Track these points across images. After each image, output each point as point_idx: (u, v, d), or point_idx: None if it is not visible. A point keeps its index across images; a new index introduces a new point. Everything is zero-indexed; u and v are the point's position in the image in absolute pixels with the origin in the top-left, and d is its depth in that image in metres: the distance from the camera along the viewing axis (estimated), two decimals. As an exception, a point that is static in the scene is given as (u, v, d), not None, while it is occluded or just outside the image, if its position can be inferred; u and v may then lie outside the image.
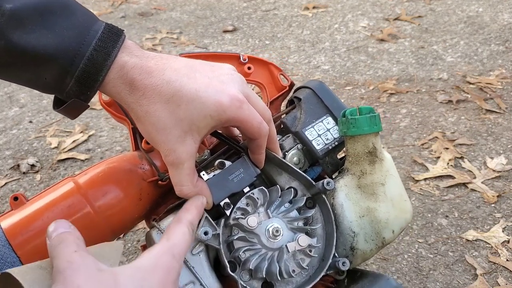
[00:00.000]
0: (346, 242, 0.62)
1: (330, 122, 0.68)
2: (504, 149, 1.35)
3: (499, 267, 1.01)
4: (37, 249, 0.57)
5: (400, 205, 0.64)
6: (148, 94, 0.48)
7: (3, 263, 0.55)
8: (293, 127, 0.67)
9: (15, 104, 1.73)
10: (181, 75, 0.49)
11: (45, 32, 0.46)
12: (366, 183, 0.63)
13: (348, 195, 0.63)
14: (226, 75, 0.52)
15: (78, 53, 0.47)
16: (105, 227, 0.60)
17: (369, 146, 0.62)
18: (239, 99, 0.50)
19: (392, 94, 1.64)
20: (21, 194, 0.61)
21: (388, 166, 0.64)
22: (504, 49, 1.87)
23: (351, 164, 0.64)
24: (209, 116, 0.49)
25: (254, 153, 0.57)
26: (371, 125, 0.62)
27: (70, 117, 0.53)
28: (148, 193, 0.64)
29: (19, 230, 0.57)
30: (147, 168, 0.65)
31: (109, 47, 0.48)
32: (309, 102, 0.69)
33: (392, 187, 0.63)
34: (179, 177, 0.52)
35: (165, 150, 0.50)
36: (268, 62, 0.76)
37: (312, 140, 0.66)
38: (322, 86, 0.70)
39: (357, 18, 2.25)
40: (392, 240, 0.64)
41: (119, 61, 0.48)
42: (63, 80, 0.47)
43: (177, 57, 0.53)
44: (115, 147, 1.48)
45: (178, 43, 2.15)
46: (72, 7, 0.48)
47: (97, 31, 0.48)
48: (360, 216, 0.62)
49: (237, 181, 0.57)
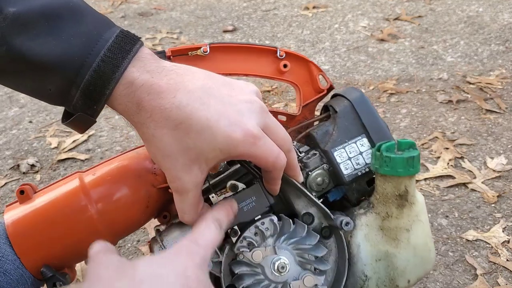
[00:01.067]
0: (356, 284, 0.58)
1: (365, 145, 0.60)
2: (504, 149, 1.35)
3: (499, 267, 1.01)
4: (37, 249, 0.57)
5: (422, 254, 0.58)
6: (155, 117, 0.44)
7: (4, 261, 0.55)
8: (322, 143, 0.60)
9: (15, 104, 1.73)
10: (194, 100, 0.44)
11: (50, 39, 0.43)
12: (390, 226, 0.57)
13: (367, 236, 0.58)
14: (246, 102, 0.47)
15: (85, 63, 0.43)
16: (107, 232, 0.59)
17: (400, 189, 0.56)
18: (253, 135, 0.45)
19: (392, 94, 1.64)
20: (28, 184, 0.59)
21: (418, 210, 0.57)
22: (504, 49, 1.87)
23: (377, 202, 0.57)
24: (218, 150, 0.45)
25: (269, 183, 0.53)
26: (407, 167, 0.54)
27: (78, 131, 0.50)
28: (157, 200, 0.62)
29: (20, 228, 0.57)
30: (159, 172, 0.62)
31: (119, 58, 0.44)
32: (345, 117, 0.61)
33: (418, 234, 0.57)
34: (182, 206, 0.49)
35: (170, 176, 0.47)
36: (308, 60, 0.69)
37: (340, 163, 0.59)
38: (363, 100, 0.62)
39: (357, 18, 2.25)
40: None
41: (128, 76, 0.44)
42: (69, 91, 0.44)
43: (195, 72, 0.47)
44: (115, 147, 1.48)
45: (178, 43, 2.15)
46: (83, 12, 0.45)
47: (108, 40, 0.44)
48: (376, 259, 0.57)
49: (247, 210, 0.54)
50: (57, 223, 0.57)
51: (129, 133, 1.53)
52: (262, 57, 0.67)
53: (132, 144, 1.48)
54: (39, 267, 0.57)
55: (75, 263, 0.62)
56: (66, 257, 0.59)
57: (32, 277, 0.57)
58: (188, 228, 0.59)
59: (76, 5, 0.45)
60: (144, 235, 1.13)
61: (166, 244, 0.56)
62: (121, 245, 1.11)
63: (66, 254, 0.59)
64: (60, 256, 0.58)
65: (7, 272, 0.54)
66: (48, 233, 0.57)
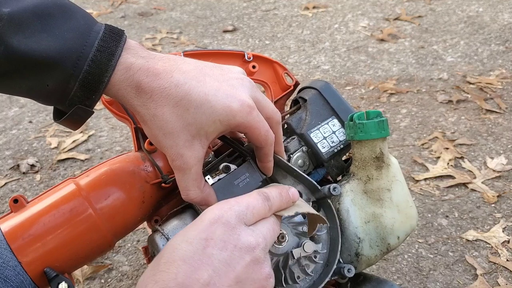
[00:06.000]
0: (351, 247, 0.61)
1: (336, 124, 0.67)
2: (504, 149, 1.35)
3: (499, 267, 1.01)
4: (38, 253, 0.56)
5: (405, 211, 0.63)
6: (155, 97, 0.47)
7: (5, 267, 0.54)
8: (298, 128, 0.66)
9: (15, 104, 1.73)
10: (190, 78, 0.48)
11: (45, 36, 0.44)
12: (372, 188, 0.62)
13: (354, 200, 0.62)
14: (236, 79, 0.51)
15: (81, 55, 0.45)
16: (107, 230, 0.59)
17: (376, 151, 0.62)
18: (249, 105, 0.49)
19: (392, 94, 1.64)
20: (21, 196, 0.60)
21: (394, 171, 0.63)
22: (504, 49, 1.87)
23: (357, 168, 0.63)
24: (218, 121, 0.48)
25: (262, 161, 0.55)
26: (379, 130, 0.61)
27: (73, 127, 0.51)
28: (151, 195, 0.63)
29: (20, 234, 0.56)
30: (150, 169, 0.64)
31: (112, 47, 0.46)
32: (314, 103, 0.68)
33: (398, 192, 0.63)
34: (186, 182, 0.51)
35: (172, 155, 0.49)
36: (273, 61, 0.75)
37: (317, 142, 0.65)
38: (328, 87, 0.68)
39: (357, 18, 2.25)
40: (397, 246, 0.63)
41: (124, 62, 0.47)
42: (67, 85, 0.46)
43: (185, 58, 0.51)
44: (115, 147, 1.48)
45: (178, 43, 2.15)
46: (71, 10, 0.47)
47: (98, 32, 0.47)
48: (365, 221, 0.62)
49: (242, 186, 0.56)
50: (58, 226, 0.57)
51: (129, 133, 1.53)
52: (232, 60, 0.72)
53: (132, 144, 1.48)
54: (40, 272, 0.56)
55: (76, 267, 0.61)
56: (68, 260, 0.58)
57: (33, 284, 0.56)
58: (186, 216, 0.61)
59: (63, 3, 0.47)
60: (144, 235, 1.13)
61: (167, 232, 0.58)
62: (121, 245, 1.11)
63: (68, 257, 0.58)
64: (62, 259, 0.58)
65: (7, 279, 0.54)
66: (49, 236, 0.57)
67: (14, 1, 0.44)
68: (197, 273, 0.39)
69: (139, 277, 1.01)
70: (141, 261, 1.06)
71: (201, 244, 0.41)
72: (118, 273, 1.03)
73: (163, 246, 0.59)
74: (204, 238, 0.42)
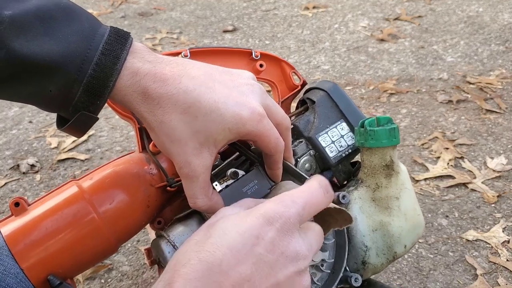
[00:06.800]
0: (358, 256, 0.60)
1: (344, 128, 0.65)
2: (504, 149, 1.35)
3: (499, 267, 1.01)
4: (40, 258, 0.55)
5: (413, 220, 0.62)
6: (163, 104, 0.45)
7: (7, 274, 0.53)
8: (306, 131, 0.65)
9: (15, 104, 1.73)
10: (199, 84, 0.46)
11: (47, 39, 0.43)
12: (381, 196, 0.61)
13: (362, 208, 0.61)
14: (246, 85, 0.49)
15: (85, 58, 0.44)
16: (110, 235, 0.58)
17: (386, 159, 0.60)
18: (259, 113, 0.47)
19: (392, 94, 1.64)
20: (22, 198, 0.58)
21: (403, 179, 0.62)
22: (504, 49, 1.87)
23: (366, 175, 0.62)
24: (227, 129, 0.46)
25: (271, 168, 0.54)
26: (390, 138, 0.59)
27: (77, 134, 0.49)
28: (156, 199, 0.62)
29: (21, 238, 0.54)
30: (155, 172, 0.62)
31: (117, 50, 0.45)
32: (323, 105, 0.66)
33: (407, 201, 0.62)
34: (193, 190, 0.49)
35: (179, 162, 0.48)
36: (280, 59, 0.73)
37: (325, 147, 0.64)
38: (336, 89, 0.67)
39: (357, 18, 2.25)
40: (403, 254, 0.62)
41: (130, 67, 0.45)
42: (70, 90, 0.44)
43: (194, 62, 0.49)
44: (115, 147, 1.48)
45: (178, 43, 2.15)
46: (75, 12, 0.46)
47: (103, 35, 0.45)
48: (373, 230, 0.61)
49: (250, 193, 0.55)
50: (61, 231, 0.56)
51: (129, 133, 1.53)
52: (239, 58, 0.71)
53: (132, 144, 1.48)
54: (43, 279, 0.55)
55: (78, 272, 0.60)
56: (71, 265, 0.57)
57: None
58: (192, 222, 0.60)
59: (67, 5, 0.46)
60: (144, 235, 1.13)
61: (173, 239, 0.57)
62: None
63: (70, 262, 0.57)
64: (65, 264, 0.56)
65: (9, 287, 0.52)
66: (52, 241, 0.55)
67: (16, 4, 0.43)
68: (240, 267, 0.39)
69: (139, 277, 1.01)
70: (141, 261, 1.06)
71: (251, 240, 0.40)
72: (118, 273, 1.03)
73: (169, 253, 0.57)
74: (256, 236, 0.40)
